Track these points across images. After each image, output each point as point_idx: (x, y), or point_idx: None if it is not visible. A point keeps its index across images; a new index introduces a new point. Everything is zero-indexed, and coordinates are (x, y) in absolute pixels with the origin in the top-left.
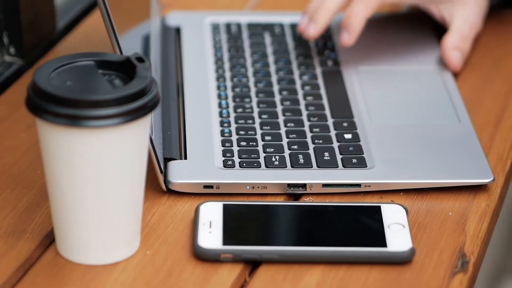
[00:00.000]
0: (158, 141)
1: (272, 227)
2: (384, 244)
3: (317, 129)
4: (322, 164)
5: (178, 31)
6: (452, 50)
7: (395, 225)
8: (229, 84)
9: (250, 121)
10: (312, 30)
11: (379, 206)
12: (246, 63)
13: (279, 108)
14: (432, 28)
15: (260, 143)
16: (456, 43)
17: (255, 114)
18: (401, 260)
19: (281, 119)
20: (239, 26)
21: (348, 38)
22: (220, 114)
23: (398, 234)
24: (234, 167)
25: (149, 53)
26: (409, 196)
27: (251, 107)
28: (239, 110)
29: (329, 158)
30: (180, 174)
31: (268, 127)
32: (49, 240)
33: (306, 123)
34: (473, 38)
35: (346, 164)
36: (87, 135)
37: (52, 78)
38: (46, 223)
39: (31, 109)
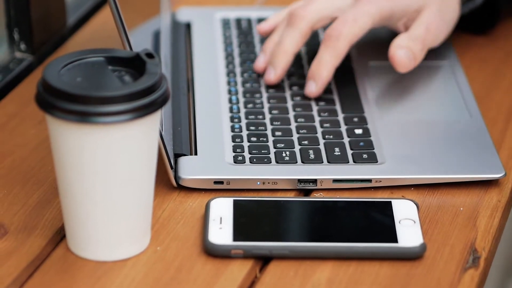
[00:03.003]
0: (168, 137)
1: (282, 223)
2: (395, 240)
3: (327, 124)
4: (332, 159)
5: (188, 26)
6: (397, 48)
7: (406, 221)
8: (239, 79)
9: (261, 117)
10: (272, 76)
11: (390, 202)
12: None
13: (289, 104)
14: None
15: (271, 138)
16: (404, 42)
17: (266, 110)
18: (412, 256)
19: (291, 114)
20: (249, 21)
21: (315, 89)
22: (231, 110)
23: (409, 230)
24: (245, 162)
25: (159, 49)
26: (420, 191)
27: (261, 103)
28: (249, 105)
29: (339, 153)
30: (191, 170)
31: (279, 123)
32: (59, 236)
33: (317, 118)
34: (430, 41)
35: (357, 159)
36: (97, 132)
37: (62, 74)
38: (57, 219)
39: (41, 106)
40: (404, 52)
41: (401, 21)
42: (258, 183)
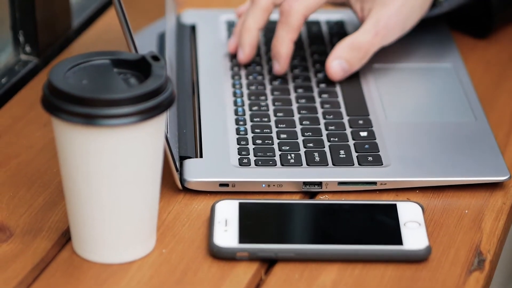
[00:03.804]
0: (173, 140)
1: (287, 225)
2: (400, 242)
3: (332, 127)
4: (337, 162)
5: (193, 29)
6: (334, 59)
7: (411, 223)
8: (244, 82)
9: (266, 119)
10: (241, 55)
11: (395, 204)
12: (261, 61)
13: (294, 106)
14: (447, 25)
15: (276, 141)
16: (342, 52)
17: (271, 112)
18: (417, 258)
19: (296, 117)
20: None
21: (278, 67)
22: (236, 112)
23: (414, 232)
24: (250, 165)
25: (164, 51)
26: (425, 194)
27: (267, 105)
28: (255, 108)
29: (344, 156)
30: (196, 172)
31: (284, 125)
32: (65, 238)
33: (322, 121)
34: (378, 45)
35: (362, 162)
36: (102, 134)
37: (67, 77)
38: (62, 221)
39: (46, 108)
40: (339, 63)
41: (357, 4)
42: (263, 185)
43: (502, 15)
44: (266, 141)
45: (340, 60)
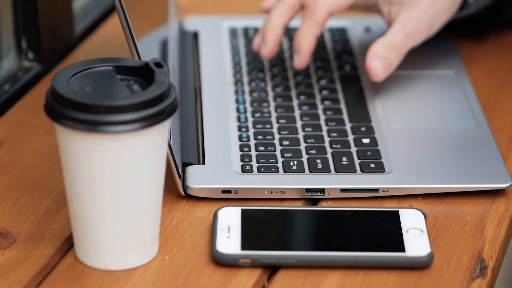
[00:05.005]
0: (176, 146)
1: (290, 232)
2: (402, 249)
3: (335, 134)
4: (340, 169)
5: (195, 35)
6: (373, 59)
7: (414, 230)
8: (247, 88)
9: (268, 126)
10: (264, 51)
11: (397, 211)
12: (264, 68)
13: (297, 113)
14: (450, 32)
15: (278, 148)
16: (380, 52)
17: (273, 119)
18: (419, 265)
19: (299, 123)
20: (256, 30)
21: (299, 61)
22: (238, 119)
23: (416, 239)
24: (252, 172)
25: (167, 57)
26: (427, 200)
27: (269, 112)
28: (257, 115)
29: (347, 162)
30: (199, 179)
31: (286, 132)
32: (68, 245)
33: (324, 128)
34: (408, 46)
35: (364, 169)
36: (105, 141)
37: (70, 83)
38: (65, 228)
39: (49, 115)
40: (379, 63)
41: (385, 6)
42: (266, 192)
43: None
44: (268, 148)
45: (380, 60)
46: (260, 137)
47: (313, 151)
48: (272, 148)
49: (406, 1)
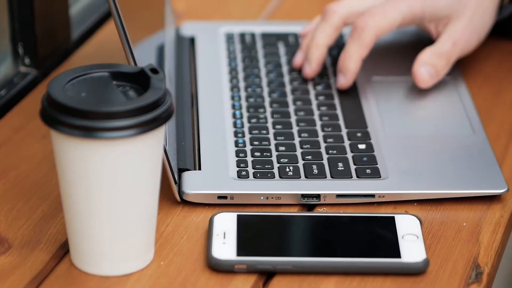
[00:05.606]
0: (172, 152)
1: (286, 238)
2: (398, 255)
3: (331, 140)
4: (336, 174)
5: (192, 41)
6: (420, 65)
7: (409, 236)
8: (243, 94)
9: (264, 132)
10: (308, 70)
11: (393, 217)
12: (260, 73)
13: (293, 119)
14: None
15: (274, 153)
16: (428, 58)
17: (269, 125)
18: (415, 271)
19: (295, 129)
20: (253, 36)
21: (344, 81)
22: (234, 125)
23: (412, 245)
24: (248, 177)
25: (164, 63)
26: (423, 206)
27: (265, 118)
28: (253, 120)
29: (343, 168)
30: (194, 184)
31: (282, 138)
32: (63, 251)
33: (320, 134)
34: (457, 55)
35: (360, 174)
36: (101, 147)
37: (66, 89)
38: (61, 234)
39: (45, 121)
40: (426, 69)
41: (431, 23)
42: (262, 198)
43: None
44: (264, 154)
45: (427, 67)
46: (256, 142)
47: (309, 157)
48: (268, 154)
49: (450, 16)
